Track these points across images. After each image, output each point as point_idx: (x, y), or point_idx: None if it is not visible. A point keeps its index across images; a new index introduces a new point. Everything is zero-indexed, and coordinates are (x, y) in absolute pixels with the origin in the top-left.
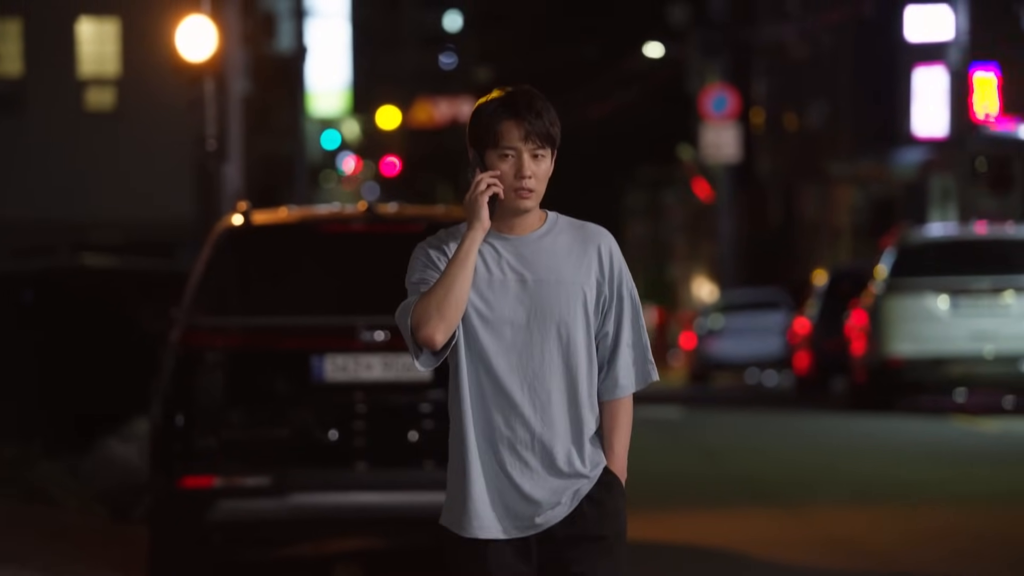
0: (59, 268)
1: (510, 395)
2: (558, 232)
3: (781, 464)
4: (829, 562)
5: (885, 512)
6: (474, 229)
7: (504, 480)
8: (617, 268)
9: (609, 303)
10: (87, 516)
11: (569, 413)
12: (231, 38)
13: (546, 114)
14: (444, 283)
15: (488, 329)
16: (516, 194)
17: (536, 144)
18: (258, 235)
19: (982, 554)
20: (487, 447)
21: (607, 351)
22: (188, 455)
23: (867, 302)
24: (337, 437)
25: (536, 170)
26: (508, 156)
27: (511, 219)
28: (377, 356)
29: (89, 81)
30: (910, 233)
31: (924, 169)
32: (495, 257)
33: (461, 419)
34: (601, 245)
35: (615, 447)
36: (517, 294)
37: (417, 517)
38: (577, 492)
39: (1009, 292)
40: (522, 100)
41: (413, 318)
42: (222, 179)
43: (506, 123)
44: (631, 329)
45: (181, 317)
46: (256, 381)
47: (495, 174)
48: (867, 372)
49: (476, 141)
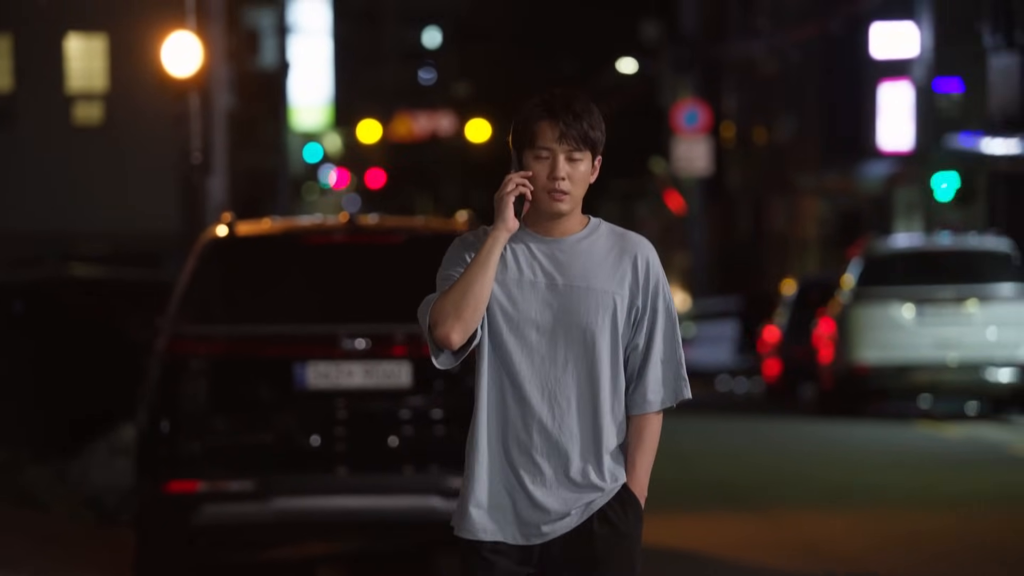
0: (48, 278)
1: (529, 399)
2: (596, 238)
3: (752, 469)
4: (799, 565)
5: (853, 515)
6: (497, 229)
7: (515, 484)
8: (654, 280)
9: (642, 315)
10: (75, 520)
11: (589, 423)
12: (216, 54)
13: (586, 116)
14: (463, 283)
15: (512, 329)
16: (549, 196)
17: (572, 146)
18: (242, 246)
19: (948, 556)
20: (500, 449)
21: (637, 364)
22: (173, 460)
23: (834, 311)
24: (319, 442)
25: (571, 172)
26: (543, 157)
27: (548, 221)
28: (358, 364)
29: (77, 96)
30: (876, 244)
31: (889, 182)
32: (528, 257)
33: (477, 418)
34: (639, 255)
35: (637, 464)
36: (545, 297)
37: (397, 520)
38: (589, 505)
39: (972, 301)
40: (560, 101)
41: (431, 316)
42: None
43: (542, 123)
44: (665, 343)
45: (167, 325)
46: (240, 388)
47: (526, 174)
48: (834, 379)
49: (515, 141)
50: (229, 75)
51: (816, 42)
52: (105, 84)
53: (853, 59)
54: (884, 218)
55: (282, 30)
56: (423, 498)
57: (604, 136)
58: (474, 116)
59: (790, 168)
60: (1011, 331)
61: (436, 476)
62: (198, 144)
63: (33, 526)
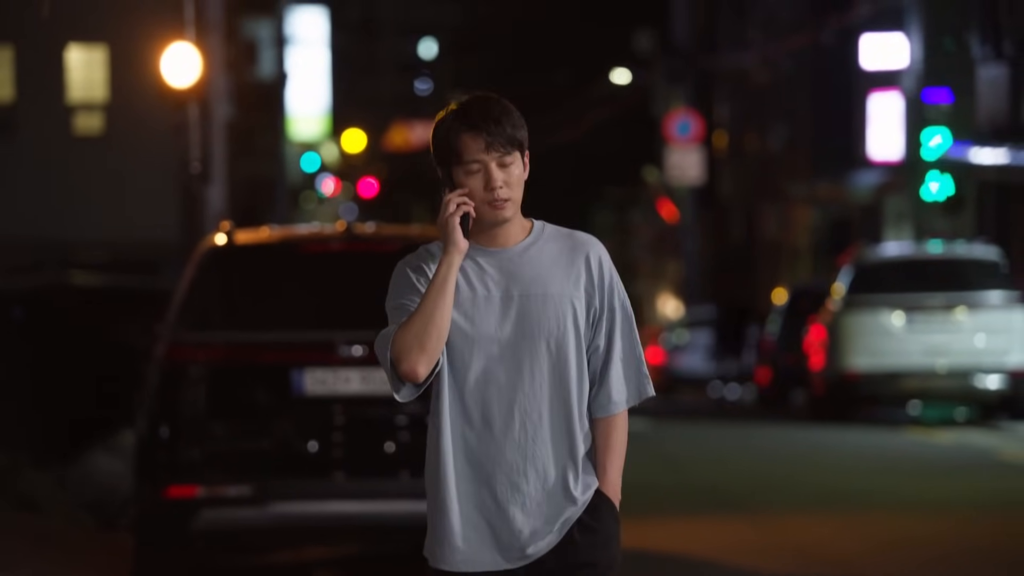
0: (48, 285)
1: (497, 418)
2: (544, 242)
3: (744, 474)
4: (791, 568)
5: (844, 520)
6: (449, 253)
7: (493, 509)
8: (608, 278)
9: (600, 315)
10: (74, 524)
11: (563, 434)
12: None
13: (506, 118)
14: (423, 313)
15: (473, 349)
16: (491, 207)
17: (501, 151)
18: (240, 254)
19: (938, 560)
20: (471, 473)
21: (598, 365)
22: (172, 466)
23: (825, 318)
24: (316, 448)
25: (507, 177)
26: (474, 171)
27: (491, 231)
28: (355, 370)
29: (78, 106)
30: (866, 252)
31: (880, 191)
32: (478, 272)
33: (440, 444)
34: (590, 254)
35: (608, 468)
36: (502, 310)
37: (393, 525)
38: (567, 520)
39: (961, 309)
40: (477, 110)
41: (393, 351)
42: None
43: (464, 137)
44: (624, 341)
45: (166, 332)
46: (238, 394)
47: (463, 192)
48: (825, 385)
49: (440, 159)
50: (228, 85)
51: (807, 53)
52: (105, 94)
53: (844, 70)
54: (874, 227)
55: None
56: (419, 503)
57: (527, 130)
58: None
59: (782, 177)
60: (999, 338)
61: None
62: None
63: (33, 530)
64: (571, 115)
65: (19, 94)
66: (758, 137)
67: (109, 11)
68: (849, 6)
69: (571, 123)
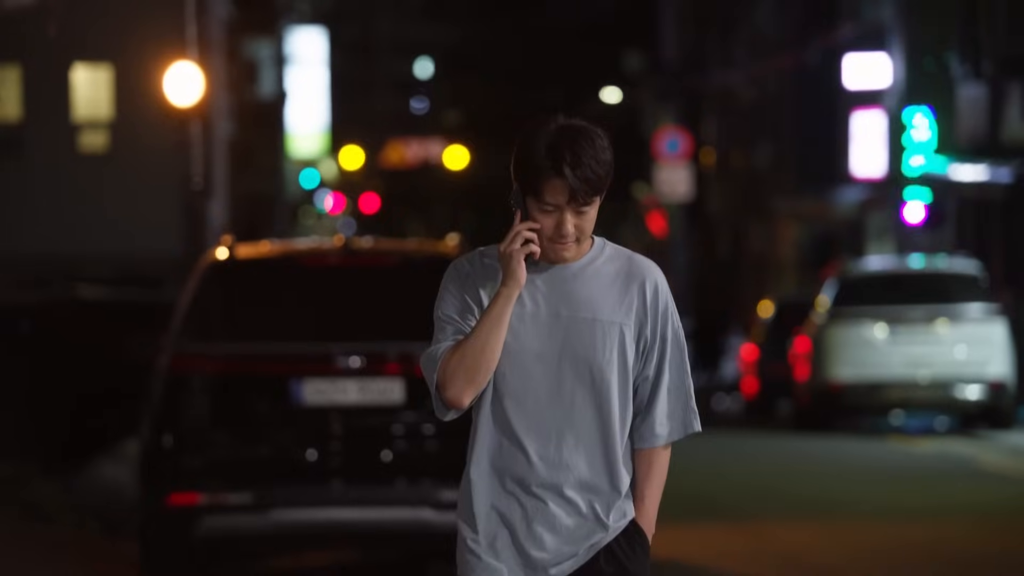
0: (55, 299)
1: (533, 436)
2: (602, 263)
3: (731, 481)
4: (777, 574)
5: (829, 527)
6: (508, 287)
7: (521, 525)
8: (662, 307)
9: (651, 344)
10: (80, 532)
11: (599, 459)
12: (216, 84)
13: (594, 165)
14: (474, 345)
15: (515, 364)
16: (553, 244)
17: (582, 203)
18: (241, 268)
19: (921, 566)
20: (501, 488)
21: (645, 395)
22: (175, 474)
23: (810, 330)
24: (316, 457)
25: (580, 222)
26: (550, 211)
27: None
28: (353, 381)
29: (84, 124)
30: (850, 266)
31: (863, 207)
32: (530, 287)
33: (473, 455)
34: (647, 281)
35: (646, 499)
36: (549, 328)
37: (390, 531)
38: (594, 545)
39: (942, 321)
40: (569, 153)
41: (439, 376)
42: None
43: (551, 181)
44: (673, 373)
45: (169, 344)
46: (239, 404)
47: (534, 227)
48: (810, 396)
49: (518, 178)
50: (229, 104)
51: (792, 72)
52: (110, 113)
53: (827, 89)
54: (857, 241)
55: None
56: (416, 510)
57: (611, 166)
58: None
59: (767, 193)
60: (979, 350)
61: (428, 489)
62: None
63: (40, 537)
64: None
65: (26, 113)
66: (744, 154)
67: (114, 32)
68: (833, 27)
69: None
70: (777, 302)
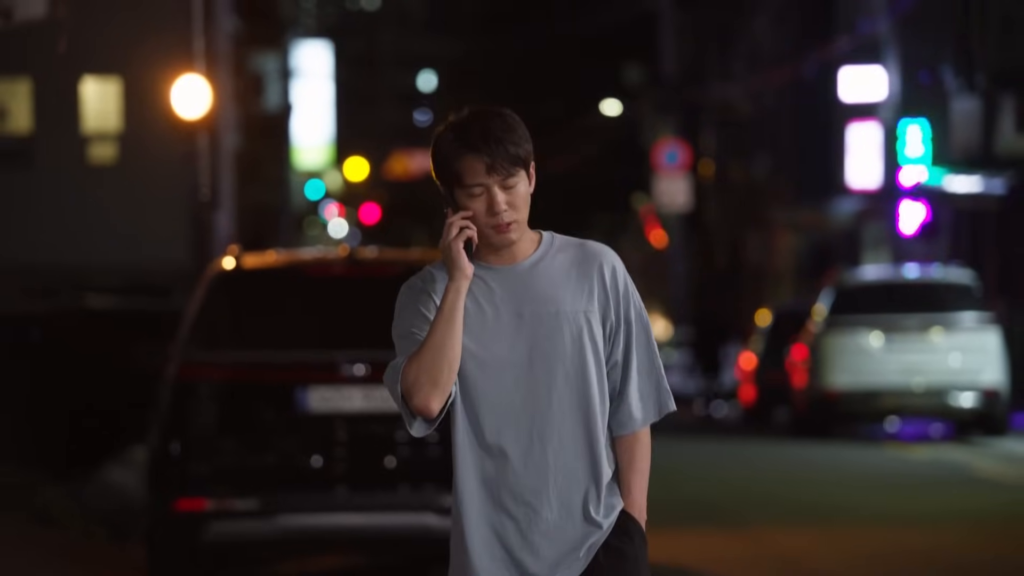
0: (64, 308)
1: (516, 443)
2: (553, 255)
3: (730, 488)
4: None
5: (827, 533)
6: (455, 279)
7: (515, 537)
8: (622, 288)
9: (616, 328)
10: (89, 537)
11: (585, 456)
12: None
13: (508, 136)
14: (431, 345)
15: (486, 374)
16: (495, 231)
17: (504, 174)
18: (248, 277)
19: (917, 571)
20: (490, 501)
21: (617, 381)
22: (182, 480)
23: (807, 338)
24: (320, 463)
25: (511, 199)
26: (477, 194)
27: (498, 248)
28: (357, 388)
29: (92, 136)
30: (846, 275)
31: (859, 217)
32: (486, 292)
33: (457, 472)
34: (603, 264)
35: (632, 488)
36: (514, 331)
37: (394, 536)
38: (592, 545)
39: (936, 329)
40: (477, 129)
41: (403, 385)
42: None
43: (466, 159)
44: (642, 354)
45: (177, 352)
46: (246, 411)
47: (466, 215)
48: (807, 403)
49: (441, 178)
50: (236, 117)
51: (789, 85)
52: (119, 125)
53: (824, 101)
54: (853, 251)
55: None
56: (418, 515)
57: (531, 143)
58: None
59: (765, 204)
60: (973, 358)
61: (431, 494)
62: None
63: (48, 542)
64: (563, 145)
65: (36, 124)
66: (743, 166)
67: (123, 45)
68: (829, 40)
69: (563, 152)
70: (775, 311)
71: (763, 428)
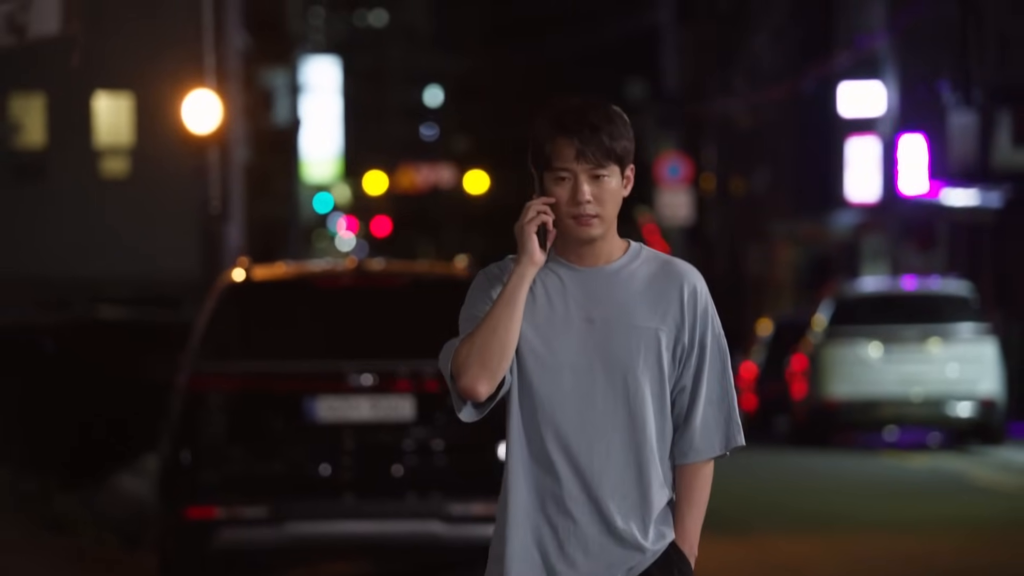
0: (77, 320)
1: (566, 449)
2: (637, 266)
3: (731, 496)
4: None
5: (827, 540)
6: (521, 264)
7: (552, 544)
8: (701, 311)
9: (688, 352)
10: (100, 544)
11: (633, 476)
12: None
13: (605, 127)
14: (486, 327)
15: (544, 373)
16: (575, 221)
17: (594, 163)
18: (257, 289)
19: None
20: (535, 505)
21: (684, 406)
22: (193, 488)
23: (807, 349)
24: (329, 471)
25: (598, 192)
26: (563, 179)
27: (579, 248)
28: (365, 398)
29: (105, 151)
30: (845, 287)
31: (857, 230)
32: (560, 290)
33: (507, 470)
34: (684, 284)
35: (685, 519)
36: (581, 335)
37: (401, 544)
38: (632, 569)
39: (934, 340)
40: (573, 115)
41: (453, 365)
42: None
43: (557, 141)
44: (713, 383)
45: (187, 363)
46: (255, 420)
47: (547, 200)
48: (807, 413)
49: (533, 160)
50: (245, 131)
51: (789, 100)
52: (131, 139)
53: (823, 116)
54: (852, 263)
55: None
56: (425, 523)
57: (632, 144)
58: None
59: (765, 217)
60: (970, 368)
61: (438, 503)
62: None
63: (61, 549)
64: None
65: (50, 139)
66: (743, 179)
67: (135, 61)
68: (828, 56)
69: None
70: (775, 322)
71: (763, 437)
